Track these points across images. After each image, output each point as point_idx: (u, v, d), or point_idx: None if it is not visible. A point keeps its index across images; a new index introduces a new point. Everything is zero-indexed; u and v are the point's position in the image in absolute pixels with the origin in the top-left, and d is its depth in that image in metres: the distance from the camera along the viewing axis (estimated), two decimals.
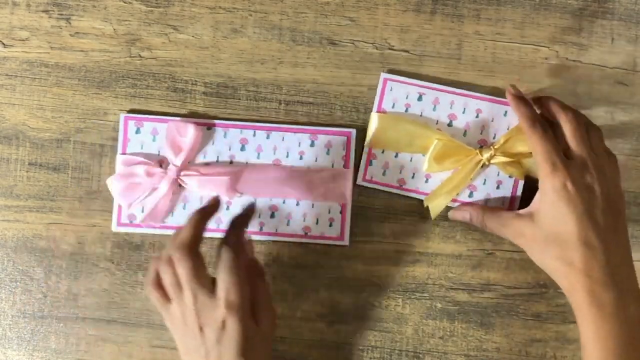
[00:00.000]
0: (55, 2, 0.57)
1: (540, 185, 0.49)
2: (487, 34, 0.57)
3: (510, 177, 0.55)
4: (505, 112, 0.55)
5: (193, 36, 0.57)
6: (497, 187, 0.55)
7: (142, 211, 0.56)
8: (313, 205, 0.56)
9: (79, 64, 0.57)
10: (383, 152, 0.55)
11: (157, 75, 0.57)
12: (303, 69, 0.57)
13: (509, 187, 0.55)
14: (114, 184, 0.55)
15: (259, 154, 0.56)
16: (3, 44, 0.57)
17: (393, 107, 0.55)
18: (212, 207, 0.50)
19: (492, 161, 0.54)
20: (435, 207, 0.55)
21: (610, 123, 0.57)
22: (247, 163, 0.56)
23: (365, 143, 0.55)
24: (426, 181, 0.55)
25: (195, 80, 0.57)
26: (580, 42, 0.57)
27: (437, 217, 0.56)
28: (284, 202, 0.56)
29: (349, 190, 0.56)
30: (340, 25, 0.57)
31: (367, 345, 0.56)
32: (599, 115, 0.57)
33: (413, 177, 0.55)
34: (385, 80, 0.55)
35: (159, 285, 0.47)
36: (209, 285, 0.46)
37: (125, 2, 0.57)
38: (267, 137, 0.56)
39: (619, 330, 0.46)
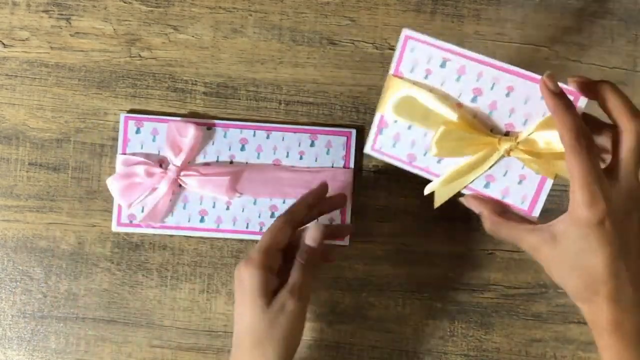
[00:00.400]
0: (55, 2, 0.57)
1: (571, 208, 0.41)
2: (487, 34, 0.57)
3: (537, 174, 0.46)
4: None
5: (193, 36, 0.57)
6: (519, 182, 0.46)
7: (142, 211, 0.56)
8: None
9: (79, 64, 0.57)
10: (396, 121, 0.47)
11: (157, 75, 0.57)
12: (303, 69, 0.57)
13: (534, 184, 0.45)
14: (113, 184, 0.55)
15: (259, 154, 0.56)
16: (3, 44, 0.57)
17: (412, 71, 0.46)
18: (320, 190, 0.53)
19: (511, 154, 0.45)
20: (439, 196, 0.48)
21: (610, 123, 0.57)
22: (247, 163, 0.56)
23: (377, 108, 0.48)
24: (439, 162, 0.47)
25: (195, 80, 0.57)
26: (580, 42, 0.57)
27: (437, 217, 0.56)
28: (284, 202, 0.56)
29: (349, 191, 0.56)
30: (340, 25, 0.57)
31: (367, 345, 0.56)
32: (599, 115, 0.57)
33: (425, 154, 0.47)
34: (407, 38, 0.46)
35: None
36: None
37: (125, 2, 0.57)
38: (267, 137, 0.56)
39: None
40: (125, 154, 0.56)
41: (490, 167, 0.46)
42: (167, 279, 0.56)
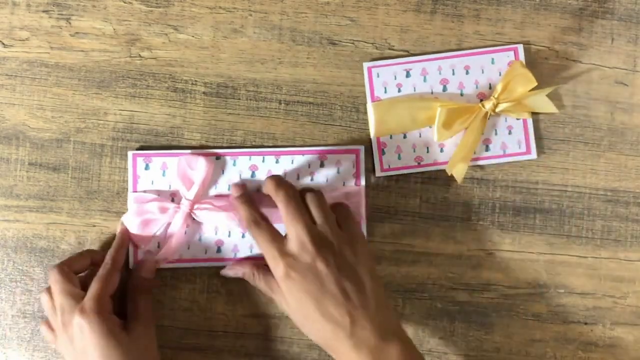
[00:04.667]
0: (55, 2, 0.57)
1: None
2: (487, 34, 0.57)
3: (517, 119, 0.56)
4: (492, 59, 0.56)
5: (193, 36, 0.57)
6: (509, 133, 0.56)
7: (158, 246, 0.55)
8: None
9: (79, 64, 0.57)
10: (391, 137, 0.56)
11: (157, 75, 0.57)
12: (303, 69, 0.57)
13: (520, 129, 0.56)
14: (129, 222, 0.54)
15: None
16: (3, 44, 0.57)
17: (385, 92, 0.56)
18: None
19: (497, 110, 0.54)
20: (458, 172, 0.55)
21: (610, 123, 0.57)
22: (258, 190, 0.55)
23: (371, 135, 0.56)
24: (441, 151, 0.56)
25: (195, 80, 0.57)
26: (580, 42, 0.57)
27: (437, 217, 0.56)
28: None
29: (363, 208, 0.55)
30: (340, 25, 0.57)
31: None
32: (598, 115, 0.57)
33: (428, 151, 0.56)
34: (370, 68, 0.56)
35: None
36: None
37: (125, 2, 0.57)
38: (277, 162, 0.56)
39: None
40: (136, 191, 0.55)
41: (484, 130, 0.55)
42: (167, 279, 0.56)
